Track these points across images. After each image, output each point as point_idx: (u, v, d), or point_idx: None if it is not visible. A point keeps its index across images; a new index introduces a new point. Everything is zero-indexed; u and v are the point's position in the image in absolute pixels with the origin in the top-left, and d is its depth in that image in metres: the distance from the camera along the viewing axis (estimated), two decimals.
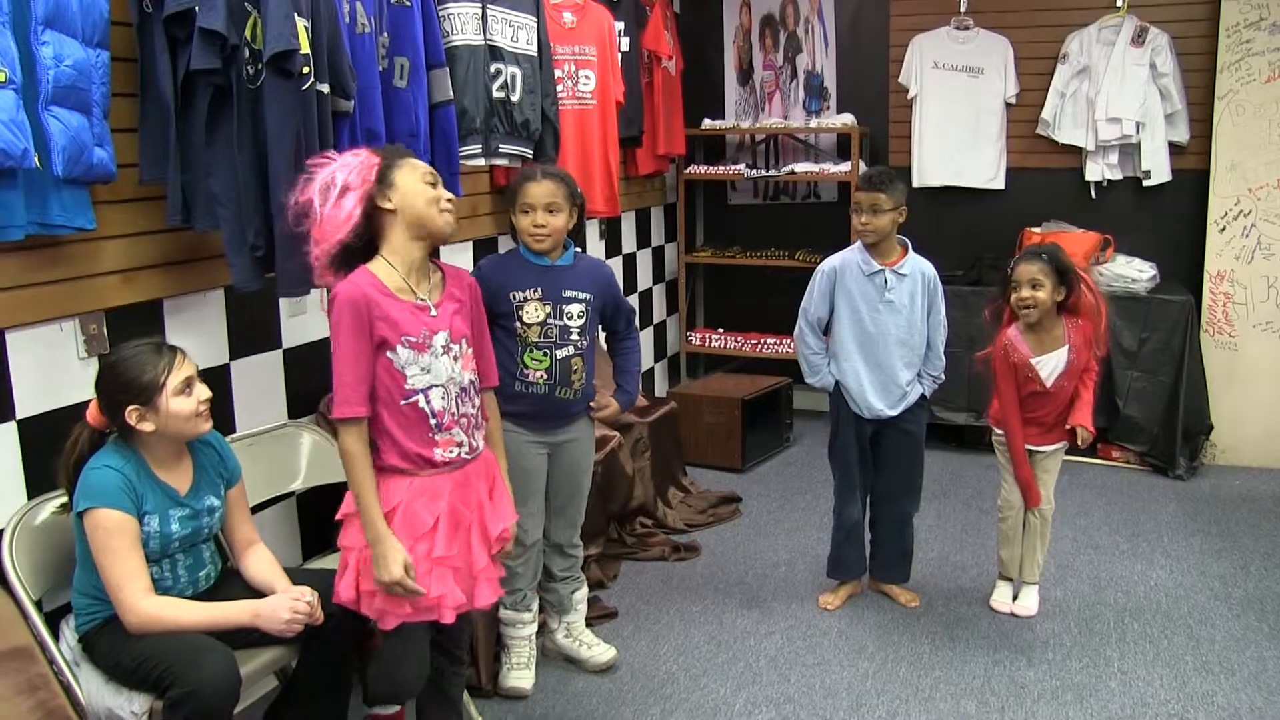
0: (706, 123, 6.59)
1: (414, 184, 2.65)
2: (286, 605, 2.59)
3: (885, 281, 3.89)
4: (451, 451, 2.71)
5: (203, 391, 2.60)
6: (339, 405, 2.60)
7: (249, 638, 2.62)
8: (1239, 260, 5.75)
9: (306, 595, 2.63)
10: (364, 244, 2.64)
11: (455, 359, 2.73)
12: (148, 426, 2.52)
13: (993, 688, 3.56)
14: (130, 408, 2.49)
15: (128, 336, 2.65)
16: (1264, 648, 3.81)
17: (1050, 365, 3.81)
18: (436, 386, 2.68)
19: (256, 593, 2.70)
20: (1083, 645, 3.83)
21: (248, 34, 2.73)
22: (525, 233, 3.33)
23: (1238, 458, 5.82)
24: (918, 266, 3.95)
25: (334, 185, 2.57)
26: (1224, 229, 5.77)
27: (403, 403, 2.64)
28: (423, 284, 2.71)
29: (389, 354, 2.61)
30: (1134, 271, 5.74)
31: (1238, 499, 5.33)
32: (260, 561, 2.79)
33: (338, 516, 2.74)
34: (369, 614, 2.66)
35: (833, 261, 4.00)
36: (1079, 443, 3.87)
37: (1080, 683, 3.58)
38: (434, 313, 2.69)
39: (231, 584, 2.77)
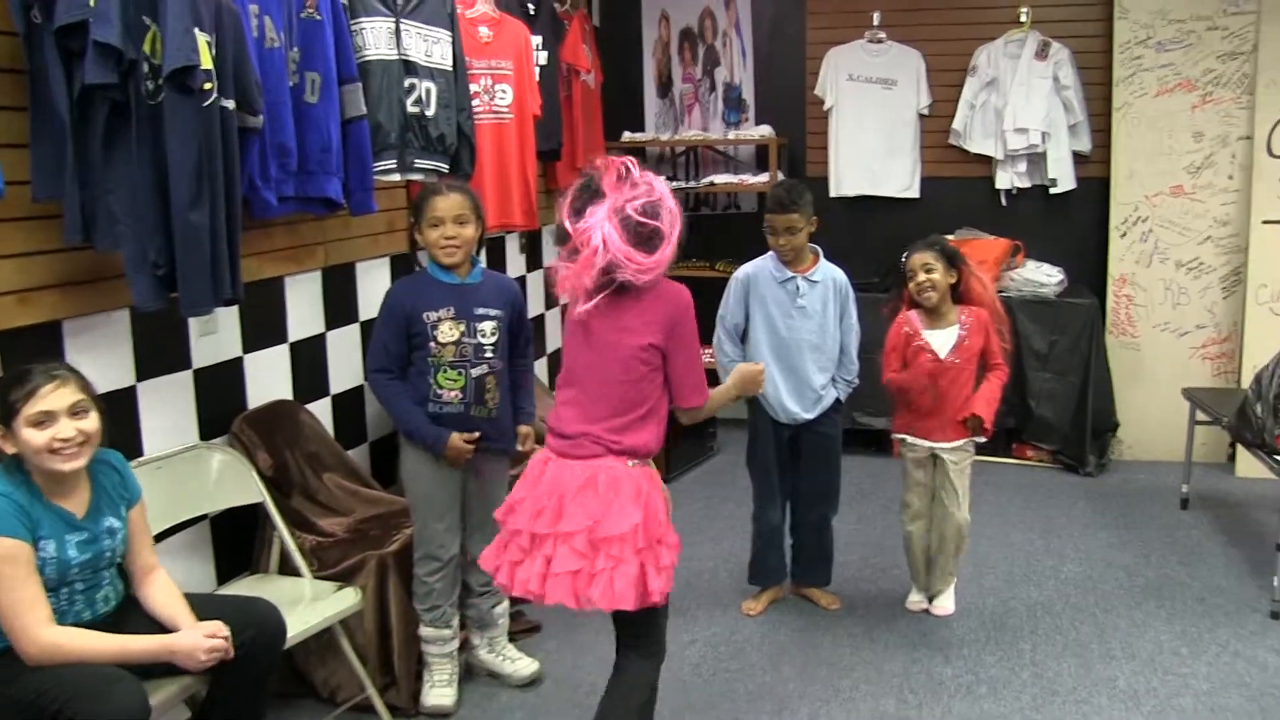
0: (626, 135, 6.64)
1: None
2: (204, 645, 2.53)
3: (797, 288, 3.96)
4: None
5: (64, 429, 2.45)
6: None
7: (157, 667, 2.56)
8: (1139, 264, 5.93)
9: (222, 631, 2.58)
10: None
11: None
12: (10, 449, 2.44)
13: (911, 685, 3.63)
14: None
15: (24, 359, 2.60)
16: (1160, 631, 3.98)
17: (942, 339, 3.91)
18: None
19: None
20: (997, 640, 3.92)
21: (146, 48, 2.68)
22: (435, 246, 3.35)
23: (1142, 453, 6.00)
24: (829, 273, 4.02)
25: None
26: (1124, 234, 5.94)
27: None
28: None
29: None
30: (1043, 276, 5.88)
31: (1141, 492, 5.51)
32: (161, 593, 2.71)
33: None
34: None
35: (747, 269, 4.06)
36: (969, 431, 3.94)
37: (994, 676, 3.66)
38: None
39: (134, 612, 2.69)
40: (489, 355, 3.40)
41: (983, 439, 3.99)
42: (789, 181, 4.22)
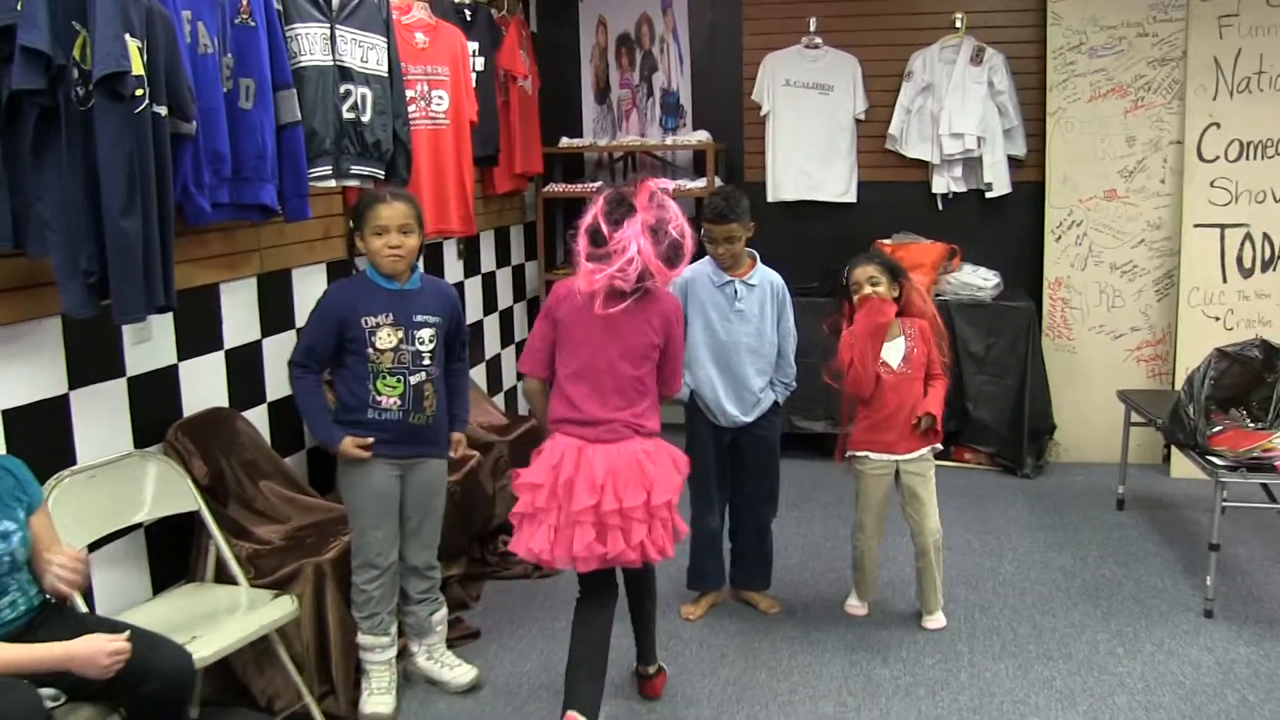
0: (564, 141, 6.64)
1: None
2: (105, 650, 2.45)
3: (735, 292, 3.97)
4: None
5: None
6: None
7: (66, 683, 2.49)
8: (1074, 267, 6.02)
9: (121, 637, 2.49)
10: None
11: None
12: None
13: (850, 688, 3.65)
14: None
15: None
16: (1096, 631, 4.02)
17: (891, 351, 3.95)
18: None
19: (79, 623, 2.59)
20: (935, 642, 3.96)
21: (76, 54, 2.64)
22: (379, 254, 3.33)
23: (1079, 455, 6.09)
24: (766, 277, 4.04)
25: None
26: (1059, 238, 6.03)
27: None
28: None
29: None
30: (979, 280, 5.95)
31: (1078, 493, 5.59)
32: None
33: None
34: None
35: (684, 273, 4.05)
36: (920, 427, 3.97)
37: (933, 678, 3.69)
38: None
39: (55, 621, 2.62)
40: (427, 363, 3.40)
41: (937, 444, 4.04)
42: (726, 189, 4.23)
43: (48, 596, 2.69)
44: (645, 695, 3.62)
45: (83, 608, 2.90)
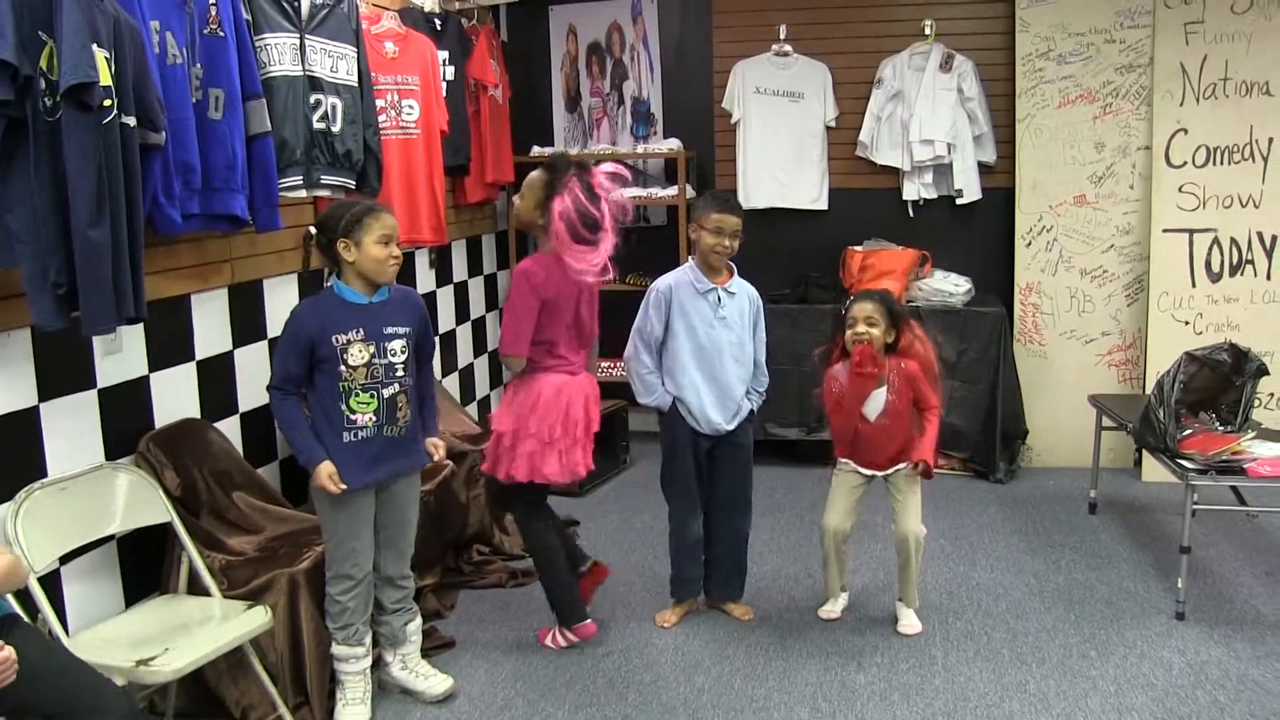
0: (535, 150, 6.62)
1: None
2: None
3: (719, 299, 3.98)
4: None
5: None
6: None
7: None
8: (1044, 273, 6.06)
9: (11, 656, 2.39)
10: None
11: None
12: None
13: (824, 693, 3.66)
14: None
15: None
16: (1069, 635, 4.04)
17: (872, 404, 3.96)
18: None
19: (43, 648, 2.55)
20: (910, 647, 3.97)
21: (43, 64, 2.63)
22: (384, 263, 3.33)
23: (1051, 459, 6.12)
24: (743, 287, 4.07)
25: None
26: (1030, 244, 6.07)
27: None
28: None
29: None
30: (951, 286, 5.97)
31: (1051, 498, 5.61)
32: None
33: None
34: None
35: (667, 280, 4.07)
36: (916, 471, 3.98)
37: (907, 683, 3.70)
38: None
39: (11, 634, 2.54)
40: (399, 374, 3.39)
41: (928, 479, 4.05)
42: (725, 192, 4.23)
43: (12, 614, 2.66)
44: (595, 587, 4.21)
45: None
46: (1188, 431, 4.22)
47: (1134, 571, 4.62)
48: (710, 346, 3.99)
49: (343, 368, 3.29)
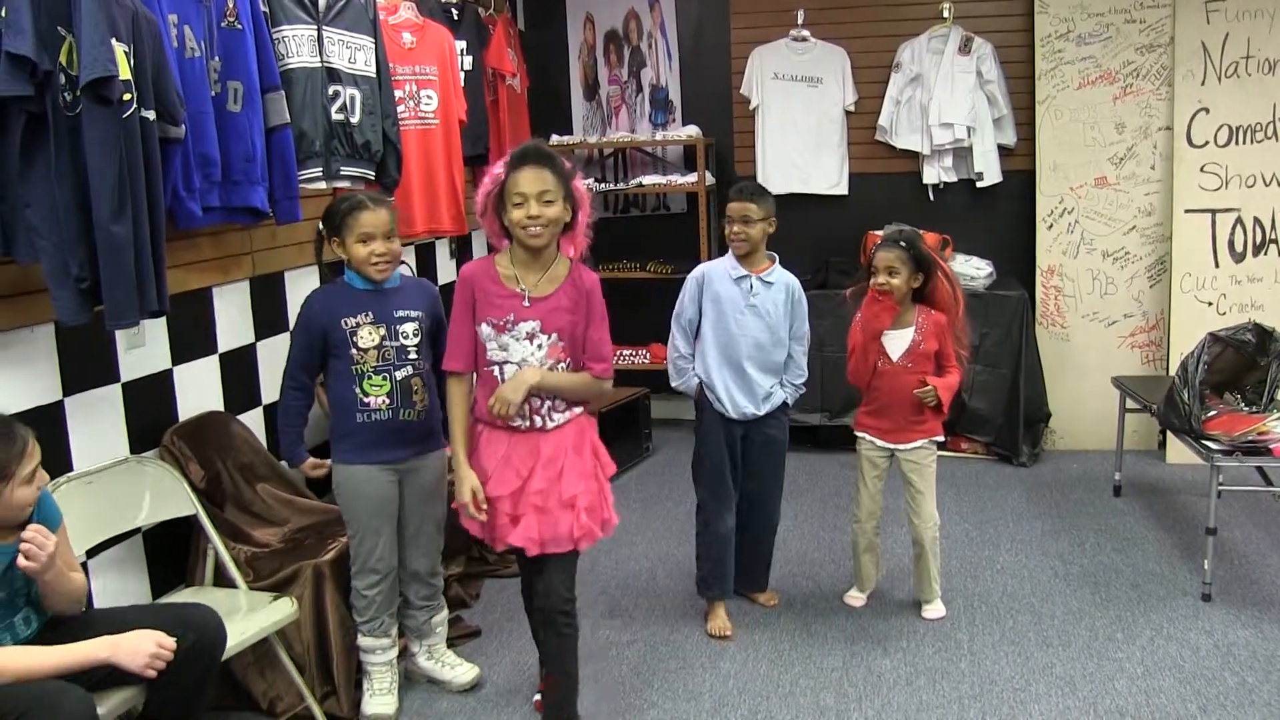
0: (554, 138, 6.62)
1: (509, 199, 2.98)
2: (152, 639, 2.52)
3: (751, 287, 3.94)
4: (515, 422, 3.04)
5: (44, 477, 2.55)
6: (445, 359, 3.13)
7: (93, 681, 2.52)
8: (1066, 255, 6.03)
9: (170, 641, 2.56)
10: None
11: (540, 347, 3.03)
12: None
13: (850, 679, 3.65)
14: None
15: None
16: (1095, 617, 4.03)
17: (897, 341, 3.93)
18: (510, 364, 3.02)
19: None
20: (935, 631, 3.96)
21: (63, 59, 2.64)
22: (365, 263, 3.31)
23: (1074, 442, 6.10)
24: (784, 279, 4.00)
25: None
26: (1051, 226, 6.04)
27: (483, 369, 3.07)
28: (530, 277, 3.03)
29: (476, 327, 3.04)
30: (972, 269, 5.95)
31: (1074, 481, 5.59)
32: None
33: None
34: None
35: (704, 267, 4.04)
36: (920, 395, 3.91)
37: (933, 667, 3.70)
38: (527, 303, 3.01)
39: (60, 632, 2.63)
40: (413, 357, 3.38)
41: (937, 435, 4.02)
42: (753, 181, 4.14)
43: (52, 616, 2.71)
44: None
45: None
46: (1212, 412, 4.19)
47: (1159, 554, 4.60)
48: (737, 333, 3.96)
49: (354, 350, 3.30)
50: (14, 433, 2.49)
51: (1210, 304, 5.76)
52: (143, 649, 2.51)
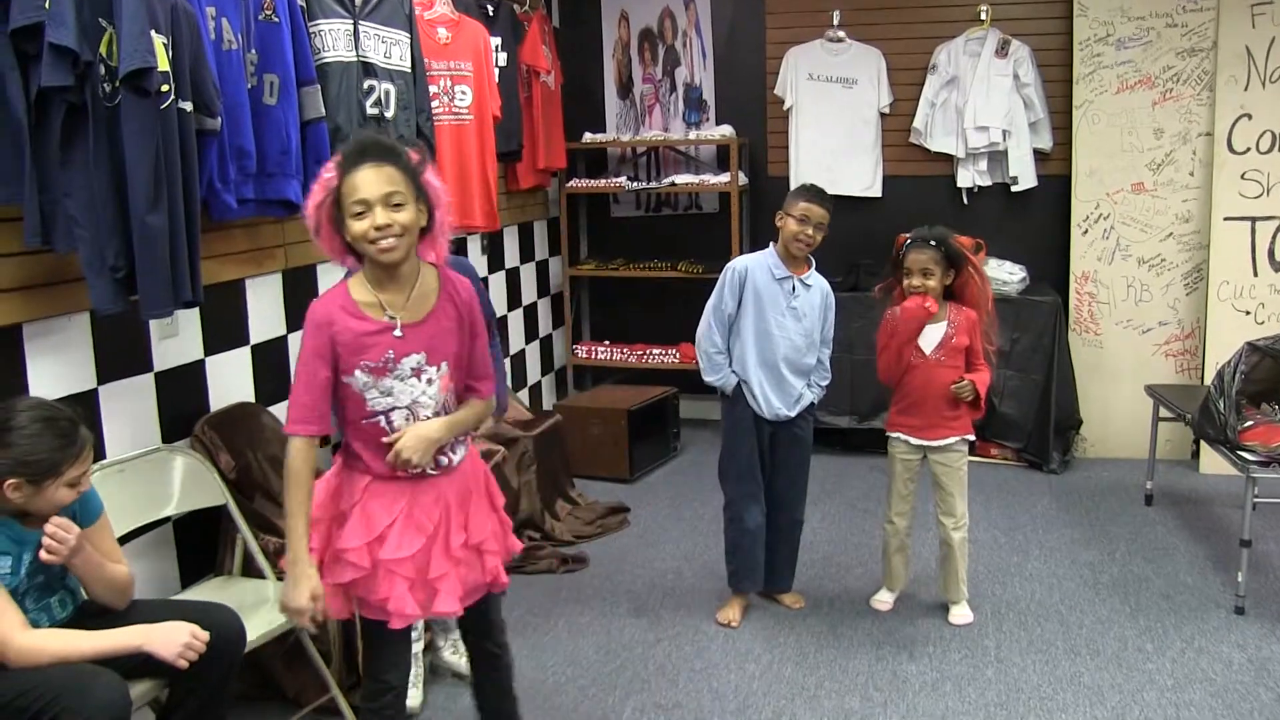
0: (587, 136, 6.62)
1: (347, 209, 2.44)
2: (186, 630, 2.55)
3: (793, 289, 3.94)
4: (413, 468, 2.55)
5: (88, 483, 2.58)
6: (289, 422, 2.50)
7: (126, 668, 2.54)
8: (1101, 261, 5.98)
9: (204, 634, 2.59)
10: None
11: (429, 382, 2.54)
12: (18, 499, 2.45)
13: (876, 683, 3.63)
14: (11, 480, 2.42)
15: None
16: (1125, 627, 3.99)
17: (929, 335, 3.91)
18: (399, 409, 2.52)
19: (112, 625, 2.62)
20: (961, 637, 3.94)
21: (103, 50, 2.67)
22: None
23: (1105, 450, 6.04)
24: (820, 282, 4.01)
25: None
26: (1086, 231, 5.99)
27: (364, 422, 2.52)
28: (399, 298, 2.52)
29: (346, 379, 2.49)
30: (1005, 274, 5.90)
31: (1105, 489, 5.54)
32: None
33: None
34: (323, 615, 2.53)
35: (744, 261, 4.02)
36: (956, 389, 3.88)
37: (959, 673, 3.68)
38: (399, 333, 2.49)
39: (89, 622, 2.66)
40: None
41: (968, 435, 4.00)
42: (816, 185, 4.11)
43: (86, 602, 2.75)
44: None
45: None
46: (1249, 423, 4.15)
47: (1191, 565, 4.55)
48: (777, 333, 3.94)
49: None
50: (76, 435, 2.51)
51: (1248, 313, 5.70)
52: (176, 639, 2.54)
